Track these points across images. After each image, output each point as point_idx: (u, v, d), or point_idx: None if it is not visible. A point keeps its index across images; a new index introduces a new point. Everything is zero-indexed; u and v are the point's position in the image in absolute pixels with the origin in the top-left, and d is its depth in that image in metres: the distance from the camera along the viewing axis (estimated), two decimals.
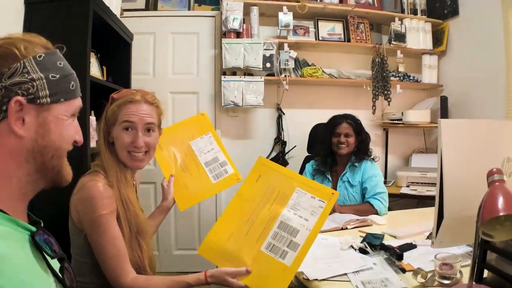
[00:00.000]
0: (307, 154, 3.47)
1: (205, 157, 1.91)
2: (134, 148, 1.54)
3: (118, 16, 2.75)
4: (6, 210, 0.76)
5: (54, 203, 1.44)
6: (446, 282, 1.39)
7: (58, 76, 0.84)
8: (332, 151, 2.77)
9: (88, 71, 2.12)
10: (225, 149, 1.94)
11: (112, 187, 1.45)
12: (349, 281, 1.46)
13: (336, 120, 2.79)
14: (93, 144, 2.17)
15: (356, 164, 2.69)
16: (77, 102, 0.91)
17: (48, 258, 0.81)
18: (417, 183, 3.54)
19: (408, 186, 3.56)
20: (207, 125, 2.01)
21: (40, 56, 0.82)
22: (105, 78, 2.66)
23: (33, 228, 0.81)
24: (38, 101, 0.80)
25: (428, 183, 3.47)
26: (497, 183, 1.07)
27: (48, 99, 0.82)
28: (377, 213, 2.48)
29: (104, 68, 2.68)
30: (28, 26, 2.07)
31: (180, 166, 1.88)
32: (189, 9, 3.79)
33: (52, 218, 1.17)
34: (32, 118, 0.80)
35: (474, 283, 1.20)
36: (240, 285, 1.40)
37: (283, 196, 1.52)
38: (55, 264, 0.84)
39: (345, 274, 1.50)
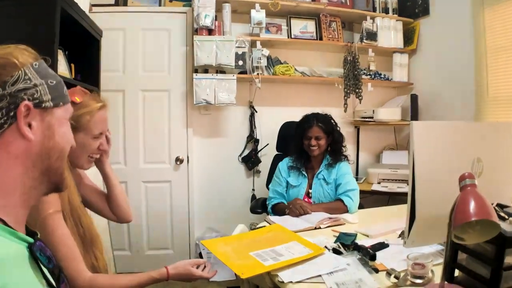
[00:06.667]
0: (277, 152, 3.49)
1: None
2: (98, 151, 1.57)
3: (87, 12, 2.67)
4: (9, 221, 0.78)
5: None
6: (418, 281, 1.41)
7: (55, 82, 0.88)
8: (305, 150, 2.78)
9: (56, 69, 2.04)
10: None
11: (63, 198, 1.38)
12: (323, 282, 1.46)
13: (306, 123, 2.76)
14: None
15: (332, 164, 2.72)
16: (70, 107, 0.95)
17: (44, 269, 0.82)
18: (388, 179, 3.60)
19: (379, 183, 3.62)
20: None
21: (36, 64, 0.85)
22: (73, 76, 2.58)
23: (31, 240, 0.82)
24: (43, 105, 0.84)
25: (399, 180, 3.53)
26: (468, 188, 1.08)
27: (51, 103, 0.86)
28: (347, 211, 2.50)
29: (73, 65, 2.60)
30: None
31: None
32: (160, 5, 3.72)
33: None
34: (38, 122, 0.84)
35: (446, 282, 1.22)
36: (200, 273, 1.50)
37: (281, 241, 1.85)
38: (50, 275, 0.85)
39: (319, 275, 1.51)
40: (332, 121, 2.82)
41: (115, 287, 1.36)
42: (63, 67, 2.39)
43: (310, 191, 2.73)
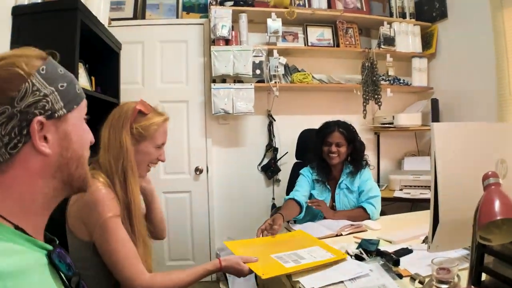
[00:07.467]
0: (296, 160, 3.46)
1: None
2: (156, 161, 1.64)
3: (106, 25, 2.72)
4: (27, 229, 0.76)
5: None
6: (443, 286, 1.36)
7: (65, 84, 0.83)
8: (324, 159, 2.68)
9: None
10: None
11: (127, 196, 1.47)
12: None
13: (327, 129, 2.66)
14: None
15: (354, 172, 2.62)
16: (84, 103, 0.91)
17: (63, 276, 0.82)
18: (410, 186, 3.54)
19: (401, 190, 3.56)
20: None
21: (43, 69, 0.79)
22: (93, 89, 2.63)
23: (50, 247, 0.80)
24: (56, 114, 0.80)
25: (421, 186, 3.47)
26: (493, 187, 1.05)
27: (64, 110, 0.82)
28: (369, 218, 2.45)
29: (93, 78, 2.64)
30: (16, 38, 2.03)
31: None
32: (177, 17, 3.76)
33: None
34: (53, 133, 0.80)
35: (472, 286, 1.18)
36: (247, 269, 1.57)
37: (303, 245, 1.86)
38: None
39: (342, 281, 1.48)
40: (353, 129, 2.72)
41: (174, 281, 1.46)
42: (83, 80, 2.44)
43: (334, 204, 2.64)
